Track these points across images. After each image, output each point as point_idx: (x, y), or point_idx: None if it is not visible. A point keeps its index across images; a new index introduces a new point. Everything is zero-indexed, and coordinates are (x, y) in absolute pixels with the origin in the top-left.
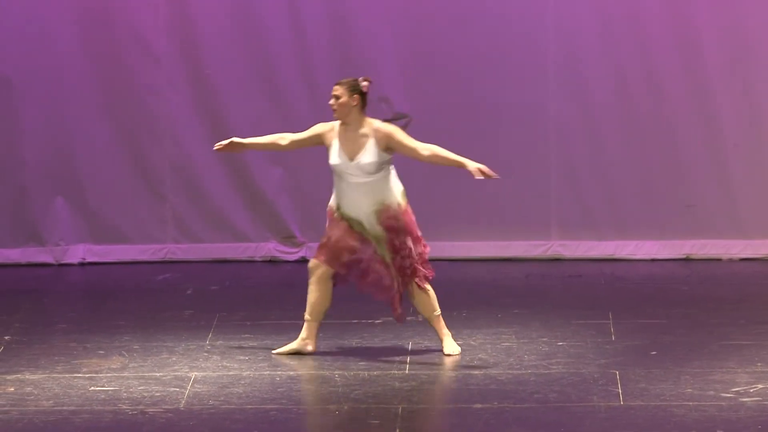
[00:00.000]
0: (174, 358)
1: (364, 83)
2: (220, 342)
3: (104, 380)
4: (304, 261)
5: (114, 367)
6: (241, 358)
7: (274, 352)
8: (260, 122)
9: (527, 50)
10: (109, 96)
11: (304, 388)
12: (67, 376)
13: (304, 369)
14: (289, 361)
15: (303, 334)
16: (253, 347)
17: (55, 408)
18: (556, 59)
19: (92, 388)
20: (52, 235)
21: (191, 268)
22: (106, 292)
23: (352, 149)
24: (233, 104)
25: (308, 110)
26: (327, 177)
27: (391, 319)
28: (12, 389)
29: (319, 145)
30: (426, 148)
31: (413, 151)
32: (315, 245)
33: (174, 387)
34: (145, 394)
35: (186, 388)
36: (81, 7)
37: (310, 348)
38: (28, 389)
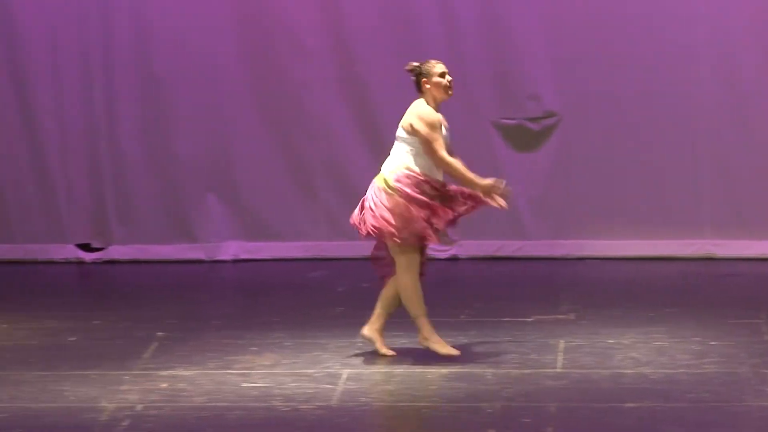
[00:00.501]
0: (326, 355)
1: None
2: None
3: (257, 377)
4: (455, 259)
5: (266, 363)
6: (393, 355)
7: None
8: None
9: (678, 48)
10: (262, 93)
11: (456, 386)
12: (220, 372)
13: (455, 367)
14: (441, 358)
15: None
16: (404, 344)
17: (208, 404)
18: (708, 56)
19: (245, 384)
20: (205, 232)
21: (343, 265)
22: (259, 289)
23: None
24: (385, 101)
25: (461, 108)
26: (478, 174)
27: (543, 317)
28: (165, 385)
29: None
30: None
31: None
32: (468, 243)
33: (326, 384)
34: (298, 391)
35: (338, 385)
36: (234, 5)
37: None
38: (182, 385)
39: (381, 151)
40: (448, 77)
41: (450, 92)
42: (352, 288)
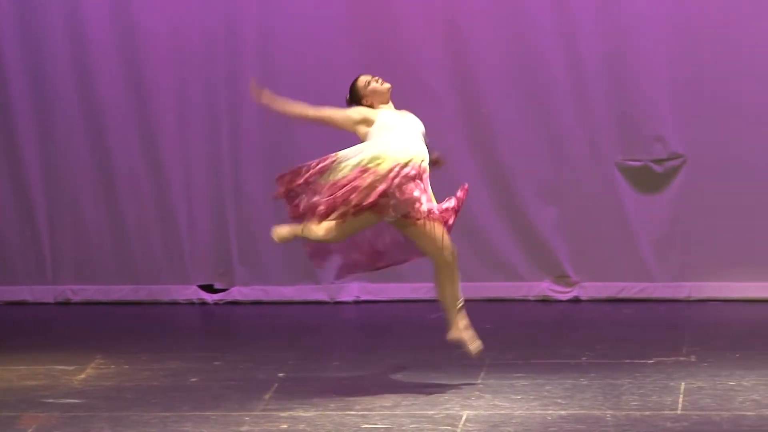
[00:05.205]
0: (446, 397)
1: None
2: (492, 381)
3: (377, 418)
4: (577, 300)
5: (386, 404)
6: (513, 397)
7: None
8: (536, 163)
9: None
10: None
11: (576, 428)
12: (339, 413)
13: (574, 408)
14: (560, 400)
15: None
16: (524, 386)
17: None
18: None
19: (364, 425)
20: (327, 273)
21: (465, 307)
22: (380, 330)
23: None
24: (509, 143)
25: (587, 149)
26: (601, 216)
27: (664, 359)
28: (285, 426)
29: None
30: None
31: None
32: (589, 285)
33: (445, 425)
34: None
35: (457, 427)
36: (360, 48)
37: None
38: (302, 426)
39: (504, 189)
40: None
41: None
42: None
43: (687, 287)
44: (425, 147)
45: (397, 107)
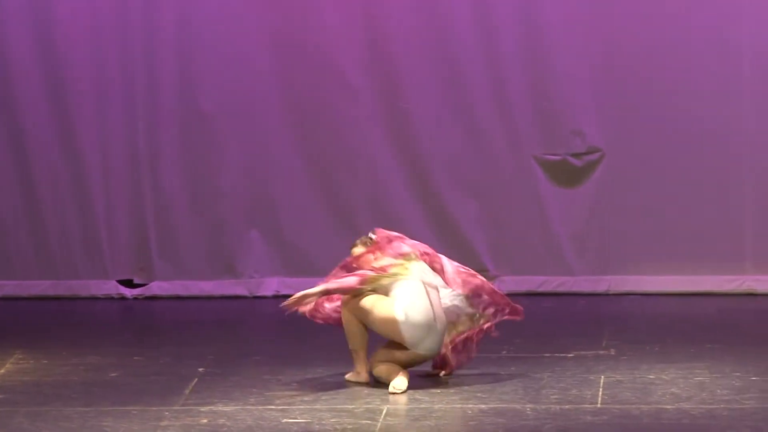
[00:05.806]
0: (366, 391)
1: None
2: (412, 374)
3: (297, 412)
4: None
5: (306, 399)
6: (433, 391)
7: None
8: (456, 157)
9: (722, 84)
10: (305, 130)
11: (496, 422)
12: (259, 408)
13: (495, 402)
14: (481, 394)
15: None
16: (444, 380)
17: None
18: (753, 91)
19: (285, 420)
20: (247, 268)
21: None
22: (300, 325)
23: None
24: (428, 139)
25: (505, 144)
26: (520, 210)
27: (583, 352)
28: (205, 421)
29: None
30: None
31: None
32: (509, 278)
33: (366, 419)
34: (338, 427)
35: (378, 421)
36: (279, 42)
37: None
38: (221, 421)
39: (423, 183)
40: None
41: None
42: None
43: (606, 281)
44: None
45: (316, 102)
